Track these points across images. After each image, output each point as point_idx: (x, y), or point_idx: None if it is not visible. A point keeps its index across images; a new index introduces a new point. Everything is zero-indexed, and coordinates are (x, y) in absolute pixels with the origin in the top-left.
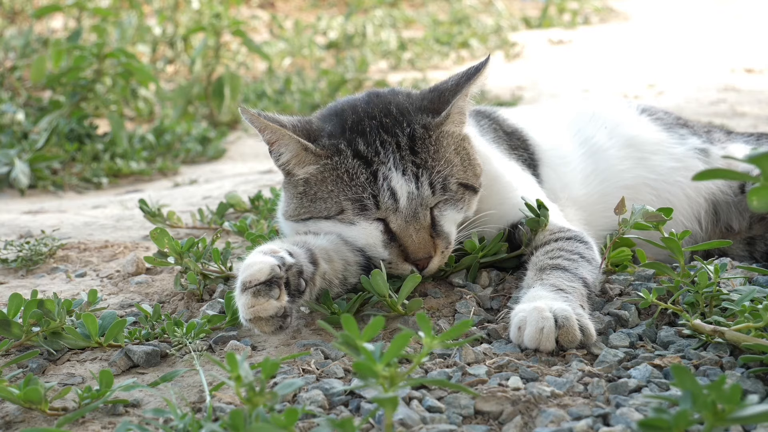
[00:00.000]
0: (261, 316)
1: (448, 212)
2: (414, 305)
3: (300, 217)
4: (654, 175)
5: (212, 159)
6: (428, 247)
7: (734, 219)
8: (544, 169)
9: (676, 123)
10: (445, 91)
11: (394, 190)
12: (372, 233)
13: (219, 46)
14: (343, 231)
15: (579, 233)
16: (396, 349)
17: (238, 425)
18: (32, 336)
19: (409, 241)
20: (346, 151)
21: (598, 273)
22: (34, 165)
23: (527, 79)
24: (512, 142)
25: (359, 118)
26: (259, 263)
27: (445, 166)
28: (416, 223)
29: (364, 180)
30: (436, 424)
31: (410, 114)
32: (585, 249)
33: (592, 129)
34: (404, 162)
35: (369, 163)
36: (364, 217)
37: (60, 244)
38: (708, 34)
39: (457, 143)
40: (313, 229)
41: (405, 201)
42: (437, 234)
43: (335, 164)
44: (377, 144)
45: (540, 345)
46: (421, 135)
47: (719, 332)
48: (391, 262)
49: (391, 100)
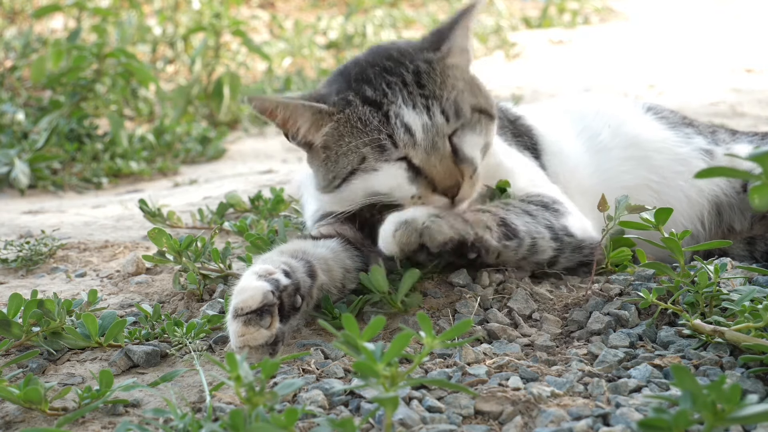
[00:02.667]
0: (251, 345)
1: (467, 137)
2: (414, 301)
3: (333, 184)
4: (657, 177)
5: (212, 159)
6: (455, 174)
7: (736, 220)
8: (547, 158)
9: (681, 122)
10: (443, 30)
11: (408, 126)
12: (396, 173)
13: (219, 46)
14: (370, 182)
15: (547, 198)
16: (397, 349)
17: (238, 425)
18: (32, 336)
19: (434, 171)
20: (355, 100)
21: (545, 232)
22: (34, 165)
23: (527, 78)
24: (516, 129)
25: (362, 69)
26: (251, 289)
27: (453, 93)
28: (437, 153)
29: (378, 123)
30: (436, 424)
31: (411, 54)
32: (538, 209)
33: (596, 127)
34: (413, 97)
35: (379, 106)
36: (385, 159)
37: (60, 244)
38: (708, 34)
39: (463, 73)
40: (348, 196)
41: (421, 133)
42: (461, 160)
43: (347, 116)
44: (383, 86)
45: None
46: (426, 69)
47: (719, 332)
48: (421, 196)
49: (391, 47)
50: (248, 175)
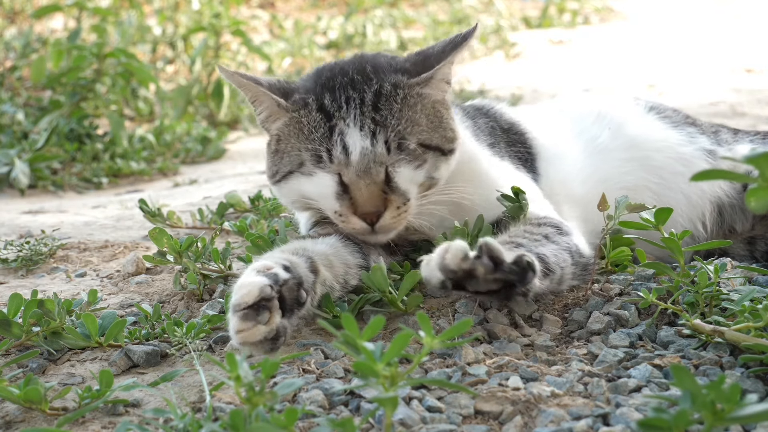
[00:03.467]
0: (249, 341)
1: (404, 170)
2: (414, 301)
3: (276, 177)
4: (657, 179)
5: (212, 159)
6: (377, 202)
7: (738, 221)
8: (541, 164)
9: (684, 121)
10: (430, 56)
11: (347, 146)
12: (327, 184)
13: (219, 46)
14: (304, 186)
15: (555, 220)
16: (397, 349)
17: (238, 425)
18: (32, 336)
19: (359, 194)
20: (312, 105)
21: (568, 258)
22: (34, 165)
23: (527, 79)
24: (509, 138)
25: (332, 75)
26: (248, 285)
27: (407, 125)
28: (367, 177)
29: (322, 134)
30: (436, 424)
31: (384, 73)
32: (554, 232)
33: (597, 129)
34: (364, 118)
35: (329, 117)
36: (320, 168)
37: (60, 244)
38: (708, 34)
39: (431, 105)
40: (288, 194)
41: (357, 156)
42: (392, 189)
43: (300, 117)
44: (342, 100)
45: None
46: (388, 92)
47: (719, 332)
48: (342, 215)
49: (370, 60)
50: (248, 175)
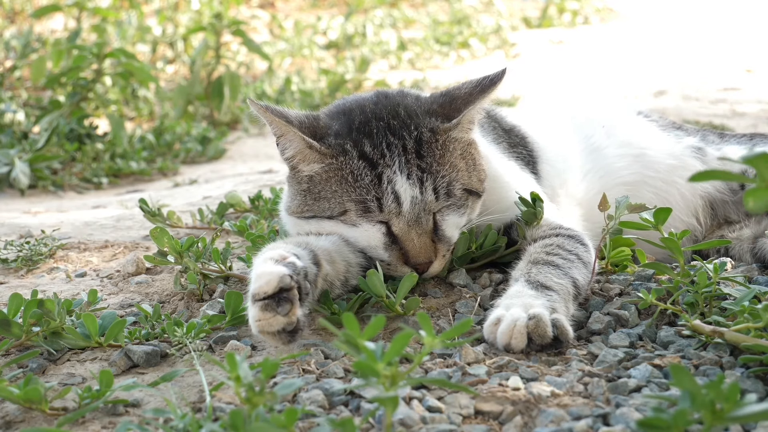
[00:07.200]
0: (267, 331)
1: (451, 217)
2: (412, 304)
3: (303, 214)
4: (652, 172)
5: (212, 159)
6: (429, 252)
7: (732, 212)
8: (542, 166)
9: (671, 125)
10: (457, 99)
11: (398, 194)
12: (374, 235)
13: (219, 46)
14: (345, 232)
15: (580, 234)
16: (397, 349)
17: (238, 425)
18: (32, 336)
19: (410, 245)
20: (352, 151)
21: (590, 275)
22: (34, 165)
23: (527, 79)
24: (511, 140)
25: (367, 119)
26: (267, 274)
27: (450, 171)
28: (419, 227)
29: (369, 182)
30: (436, 424)
31: (418, 117)
32: (584, 251)
33: (591, 128)
34: (409, 166)
35: (374, 165)
36: (366, 219)
37: (60, 244)
38: (708, 34)
39: (464, 148)
40: (315, 229)
41: (408, 205)
42: (439, 238)
43: (340, 164)
44: (383, 146)
45: (512, 341)
46: (428, 139)
47: (719, 332)
48: (390, 264)
49: (399, 101)
50: (248, 175)
